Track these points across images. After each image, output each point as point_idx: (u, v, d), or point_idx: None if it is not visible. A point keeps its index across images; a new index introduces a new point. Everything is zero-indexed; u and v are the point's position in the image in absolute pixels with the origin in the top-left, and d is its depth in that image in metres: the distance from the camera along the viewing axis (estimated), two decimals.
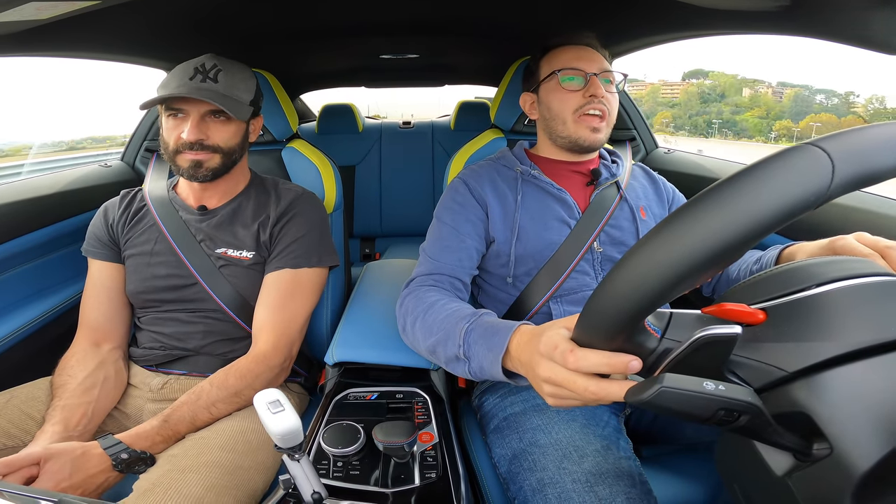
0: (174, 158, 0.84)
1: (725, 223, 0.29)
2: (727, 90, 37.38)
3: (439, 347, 0.66)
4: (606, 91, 0.84)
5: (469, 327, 0.62)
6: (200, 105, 0.82)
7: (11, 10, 0.62)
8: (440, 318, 0.67)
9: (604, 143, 0.87)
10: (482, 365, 0.59)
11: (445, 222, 0.84)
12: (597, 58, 0.86)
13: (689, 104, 21.72)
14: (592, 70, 0.84)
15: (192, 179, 0.85)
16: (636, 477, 0.60)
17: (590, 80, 0.83)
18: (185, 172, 0.84)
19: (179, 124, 0.82)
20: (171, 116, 0.83)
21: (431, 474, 0.60)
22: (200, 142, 0.82)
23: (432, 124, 2.31)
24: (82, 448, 0.63)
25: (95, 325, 0.87)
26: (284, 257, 0.87)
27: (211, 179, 0.86)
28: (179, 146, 0.82)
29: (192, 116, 0.82)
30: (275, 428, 0.47)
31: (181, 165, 0.84)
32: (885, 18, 0.55)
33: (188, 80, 0.81)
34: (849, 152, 0.30)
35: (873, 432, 0.31)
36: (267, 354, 0.80)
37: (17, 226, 1.02)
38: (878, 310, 0.35)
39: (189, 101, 0.81)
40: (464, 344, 0.61)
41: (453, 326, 0.64)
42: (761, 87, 39.54)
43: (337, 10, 1.06)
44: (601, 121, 0.84)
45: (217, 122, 0.84)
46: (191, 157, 0.83)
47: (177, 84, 0.80)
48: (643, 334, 0.39)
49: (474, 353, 0.60)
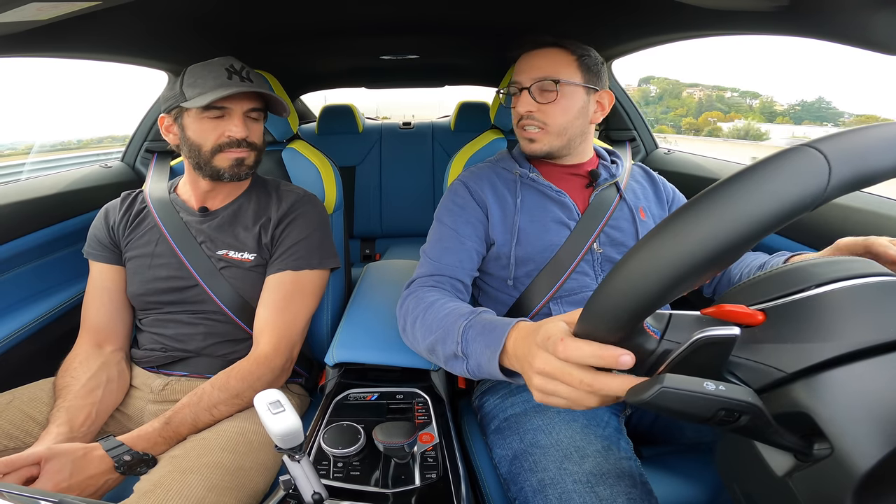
0: (211, 158, 0.83)
1: (724, 224, 0.29)
2: (664, 93, 39.33)
3: (438, 346, 0.65)
4: (542, 101, 0.82)
5: (467, 324, 0.62)
6: (243, 103, 0.83)
7: (12, 11, 0.62)
8: (439, 316, 0.67)
9: (547, 151, 0.85)
10: (480, 362, 0.58)
11: (446, 224, 0.84)
12: (538, 64, 0.82)
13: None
14: (525, 83, 0.83)
15: (233, 178, 0.86)
16: (637, 477, 0.60)
17: (520, 95, 0.83)
18: (227, 172, 0.84)
19: (219, 124, 0.83)
20: (206, 117, 0.82)
21: (432, 475, 0.60)
22: (245, 139, 0.84)
23: (432, 125, 2.31)
24: (84, 449, 0.63)
25: (97, 327, 0.87)
26: (286, 259, 0.87)
27: (246, 177, 0.88)
28: (222, 144, 0.83)
29: (235, 114, 0.82)
30: (275, 428, 0.47)
31: (220, 165, 0.84)
32: (885, 19, 0.55)
33: (227, 80, 0.80)
34: (845, 153, 0.30)
35: (874, 432, 0.31)
36: (268, 356, 0.80)
37: (18, 226, 1.02)
38: (877, 310, 0.35)
39: (233, 100, 0.82)
40: (462, 341, 0.61)
41: (452, 324, 0.64)
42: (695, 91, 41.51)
43: (337, 10, 1.06)
44: (538, 131, 0.84)
45: (252, 121, 0.86)
46: (235, 154, 0.84)
47: (217, 84, 0.79)
48: (642, 335, 0.39)
49: (472, 351, 0.59)
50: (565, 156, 0.88)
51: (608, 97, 0.87)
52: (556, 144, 0.84)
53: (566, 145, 0.85)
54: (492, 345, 0.56)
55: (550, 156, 0.87)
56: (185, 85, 0.81)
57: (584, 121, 0.85)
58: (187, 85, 0.81)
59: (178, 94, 0.81)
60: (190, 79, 0.81)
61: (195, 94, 0.80)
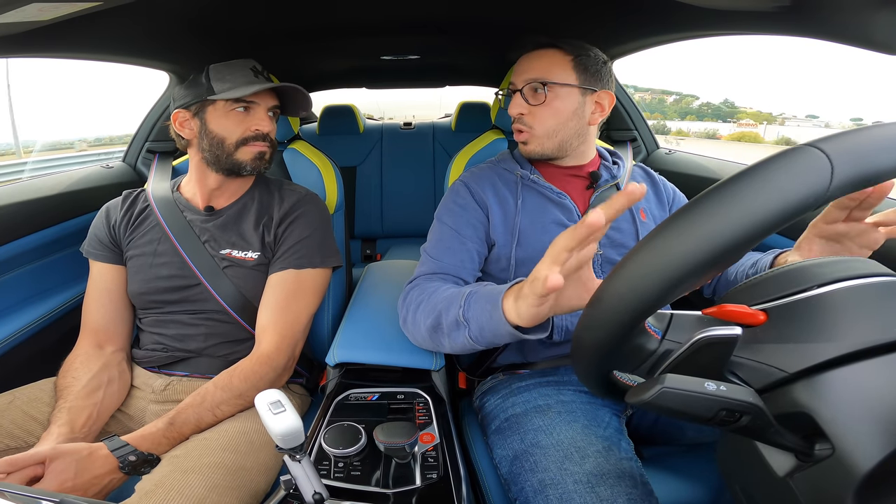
0: (235, 151, 0.86)
1: (727, 223, 0.30)
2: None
3: (442, 317, 0.67)
4: (533, 102, 0.82)
5: (471, 291, 0.64)
6: (268, 100, 0.88)
7: (13, 11, 0.62)
8: (445, 295, 0.69)
9: (540, 153, 0.85)
10: (481, 324, 0.60)
11: (447, 224, 0.84)
12: (533, 65, 0.82)
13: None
14: (518, 85, 0.83)
15: (252, 171, 0.89)
16: (638, 478, 0.60)
17: (514, 98, 0.84)
18: (249, 164, 0.87)
19: (245, 118, 0.86)
20: (234, 111, 0.86)
21: (432, 475, 0.60)
22: (268, 133, 0.89)
23: (433, 125, 2.31)
24: (89, 449, 0.64)
25: (98, 327, 0.87)
26: (288, 258, 0.87)
27: (263, 172, 0.92)
28: (248, 137, 0.86)
29: (262, 109, 0.87)
30: (276, 428, 0.47)
31: (242, 158, 0.87)
32: (885, 19, 0.55)
33: (254, 78, 0.86)
34: (848, 153, 0.30)
35: (875, 432, 0.31)
36: (271, 355, 0.81)
37: (19, 227, 1.02)
38: (879, 310, 0.35)
39: (259, 96, 0.87)
40: (464, 305, 0.63)
41: (457, 294, 0.67)
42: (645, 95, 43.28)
43: (338, 10, 1.07)
44: (526, 134, 0.84)
45: (271, 118, 0.91)
46: (259, 148, 0.88)
47: (246, 81, 0.85)
48: (644, 335, 0.39)
49: (473, 315, 0.61)
50: (563, 157, 0.87)
51: (608, 98, 0.84)
52: (547, 146, 0.84)
53: (559, 147, 0.84)
54: (493, 298, 0.58)
55: (547, 157, 0.86)
56: (213, 80, 0.84)
57: (580, 122, 0.83)
58: (215, 80, 0.84)
59: (205, 88, 0.84)
60: (217, 74, 0.85)
61: (225, 88, 0.84)
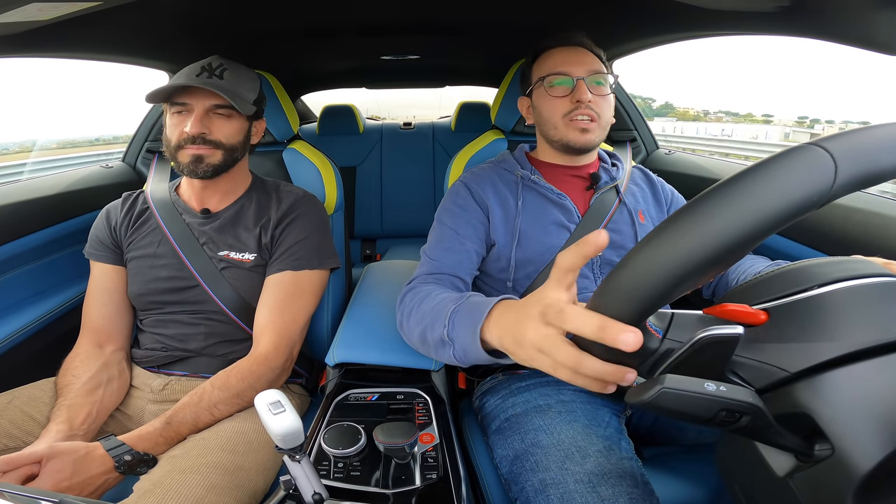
0: (176, 155, 0.84)
1: (731, 221, 0.30)
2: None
3: (427, 332, 0.64)
4: (597, 94, 0.82)
5: (455, 308, 0.60)
6: (205, 100, 0.82)
7: (13, 11, 0.62)
8: (432, 304, 0.66)
9: (597, 143, 0.86)
10: (465, 346, 0.56)
11: (446, 225, 0.84)
12: (586, 59, 0.84)
13: None
14: (580, 73, 0.82)
15: (193, 175, 0.85)
16: (638, 477, 0.60)
17: (577, 85, 0.82)
18: (186, 168, 0.84)
19: (183, 120, 0.83)
20: (174, 113, 0.84)
21: (432, 475, 0.60)
22: (203, 136, 0.82)
23: (433, 125, 2.31)
24: (86, 448, 0.63)
25: (98, 327, 0.87)
26: (286, 259, 0.87)
27: (211, 176, 0.85)
28: (182, 141, 0.82)
29: (196, 111, 0.82)
30: (276, 429, 0.47)
31: (182, 161, 0.84)
32: (886, 19, 0.55)
33: (195, 77, 0.83)
34: (852, 152, 0.30)
35: (875, 433, 0.31)
36: (268, 356, 0.80)
37: (19, 227, 1.02)
38: (880, 310, 0.35)
39: (194, 96, 0.82)
40: (448, 324, 0.59)
41: (442, 309, 0.62)
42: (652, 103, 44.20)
43: (338, 10, 1.07)
44: (591, 122, 0.83)
45: (220, 118, 0.85)
46: (192, 151, 0.83)
47: (183, 80, 0.82)
48: (645, 334, 0.39)
49: (457, 335, 0.57)
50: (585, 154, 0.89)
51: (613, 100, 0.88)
52: (602, 137, 0.86)
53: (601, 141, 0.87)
54: (473, 322, 0.53)
55: (585, 150, 0.86)
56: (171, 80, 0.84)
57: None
58: (169, 81, 0.84)
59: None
60: (175, 76, 0.84)
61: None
